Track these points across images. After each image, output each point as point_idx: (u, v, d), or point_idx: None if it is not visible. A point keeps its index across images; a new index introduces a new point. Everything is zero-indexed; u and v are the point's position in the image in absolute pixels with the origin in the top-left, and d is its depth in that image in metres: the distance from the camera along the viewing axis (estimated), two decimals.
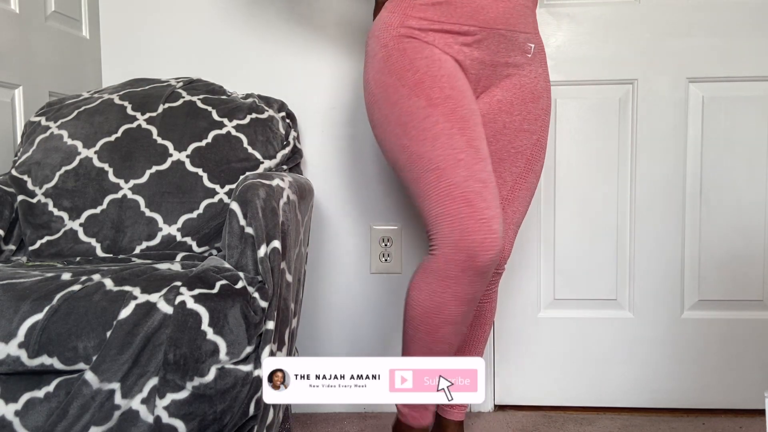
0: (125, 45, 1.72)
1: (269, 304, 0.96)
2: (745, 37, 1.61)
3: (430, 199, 1.04)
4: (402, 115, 1.07)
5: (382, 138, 1.14)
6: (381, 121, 1.13)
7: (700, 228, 1.66)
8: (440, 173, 1.02)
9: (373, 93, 1.14)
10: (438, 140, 1.03)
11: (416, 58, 1.10)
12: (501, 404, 1.75)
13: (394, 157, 1.11)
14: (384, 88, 1.11)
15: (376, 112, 1.14)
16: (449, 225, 1.01)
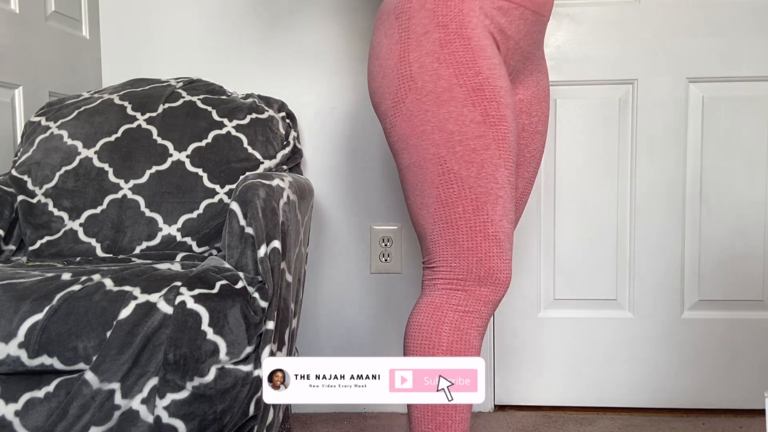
0: (125, 45, 1.72)
1: (269, 304, 0.96)
2: (745, 37, 1.61)
3: (459, 230, 0.94)
4: (449, 122, 0.92)
5: (409, 135, 0.96)
6: (416, 116, 0.94)
7: (700, 228, 1.66)
8: (478, 206, 0.93)
9: (413, 78, 0.94)
10: (484, 169, 0.93)
11: (480, 56, 0.94)
12: (501, 404, 1.75)
13: (420, 163, 0.95)
14: (435, 79, 0.93)
15: (411, 102, 0.94)
16: (477, 262, 0.95)
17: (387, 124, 0.99)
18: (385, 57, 0.97)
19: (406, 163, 0.98)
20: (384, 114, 0.99)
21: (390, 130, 0.99)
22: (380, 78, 0.98)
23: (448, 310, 0.96)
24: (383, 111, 0.99)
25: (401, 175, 1.00)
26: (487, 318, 0.99)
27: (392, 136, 0.99)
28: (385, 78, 0.97)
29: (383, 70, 0.97)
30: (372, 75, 1.01)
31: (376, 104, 1.01)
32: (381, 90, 0.98)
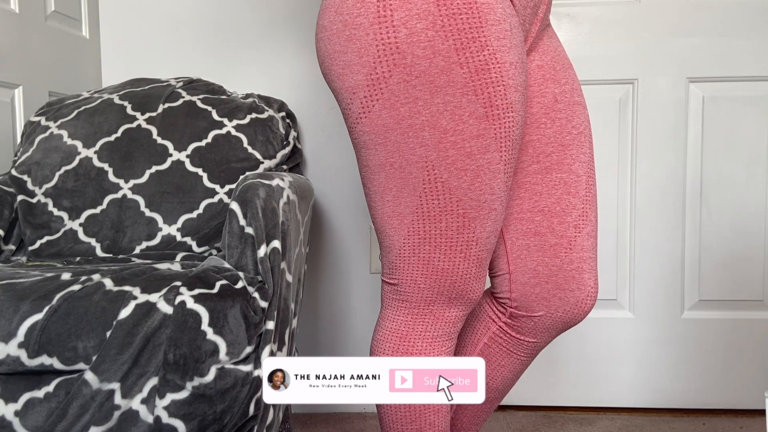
0: (125, 45, 1.72)
1: (269, 304, 0.96)
2: (745, 37, 1.61)
3: (437, 248, 0.79)
4: (443, 117, 0.72)
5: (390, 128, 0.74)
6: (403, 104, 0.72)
7: (700, 228, 1.66)
8: (465, 223, 0.77)
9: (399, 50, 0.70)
10: (479, 177, 0.75)
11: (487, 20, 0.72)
12: (501, 404, 1.75)
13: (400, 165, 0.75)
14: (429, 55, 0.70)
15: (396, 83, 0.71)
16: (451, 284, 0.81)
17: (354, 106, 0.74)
18: (350, 10, 0.71)
19: (379, 161, 0.76)
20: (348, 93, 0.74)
21: (359, 116, 0.75)
22: (342, 40, 0.72)
23: (416, 339, 0.85)
24: (348, 88, 0.74)
25: (366, 173, 0.80)
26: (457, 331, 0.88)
27: (361, 125, 0.75)
28: (351, 41, 0.71)
29: (348, 29, 0.72)
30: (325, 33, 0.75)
31: (333, 76, 0.76)
32: (343, 57, 0.73)
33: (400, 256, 0.81)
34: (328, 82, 0.79)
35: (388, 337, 0.87)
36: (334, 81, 0.76)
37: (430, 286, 0.82)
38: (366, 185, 0.81)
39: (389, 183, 0.77)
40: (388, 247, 0.83)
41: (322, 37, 0.76)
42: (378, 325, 0.89)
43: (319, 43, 0.77)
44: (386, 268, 0.85)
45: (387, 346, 0.87)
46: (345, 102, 0.76)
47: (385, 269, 0.85)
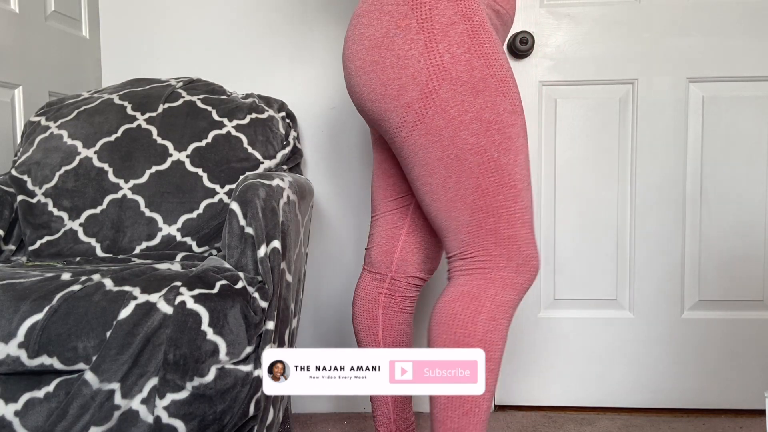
0: (125, 45, 1.72)
1: (269, 304, 0.96)
2: (745, 37, 1.61)
3: (500, 218, 0.94)
4: (486, 111, 0.92)
5: (444, 127, 0.93)
6: (452, 107, 0.92)
7: (700, 228, 1.66)
8: (516, 193, 0.94)
9: (446, 68, 0.92)
10: (518, 156, 0.94)
11: (500, 50, 0.96)
12: (501, 404, 1.75)
13: (457, 154, 0.93)
14: (469, 70, 0.92)
15: (446, 92, 0.92)
16: (517, 249, 0.95)
17: (410, 117, 0.94)
18: (401, 47, 0.93)
19: (437, 156, 0.94)
20: (404, 108, 0.94)
21: (415, 124, 0.94)
22: (397, 69, 0.93)
23: (485, 300, 0.95)
24: (405, 103, 0.94)
25: (426, 171, 0.96)
26: (516, 308, 0.99)
27: (419, 130, 0.94)
28: (406, 69, 0.93)
29: (401, 60, 0.93)
30: (378, 66, 0.95)
31: (387, 97, 0.95)
32: (398, 82, 0.93)
33: (471, 231, 0.95)
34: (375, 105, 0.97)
35: (458, 298, 0.96)
36: (388, 102, 0.95)
37: (501, 252, 0.95)
38: (425, 182, 0.96)
39: (449, 171, 0.94)
40: (456, 228, 0.97)
41: (374, 69, 0.95)
42: (445, 294, 0.98)
43: (367, 74, 0.96)
44: (456, 247, 0.98)
45: (457, 308, 0.96)
46: (400, 117, 0.95)
47: (456, 249, 0.98)
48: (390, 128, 0.97)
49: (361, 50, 0.96)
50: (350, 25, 1.01)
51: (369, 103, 0.97)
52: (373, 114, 0.98)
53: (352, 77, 0.99)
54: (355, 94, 1.00)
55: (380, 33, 0.95)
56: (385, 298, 1.16)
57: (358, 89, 0.99)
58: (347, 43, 1.00)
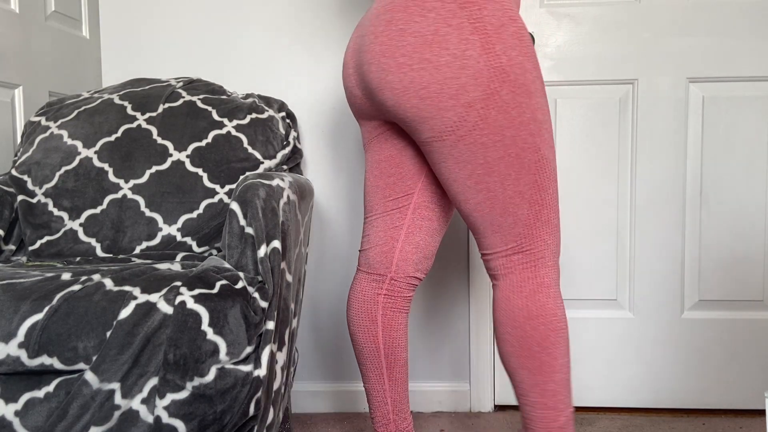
0: (125, 45, 1.72)
1: (269, 304, 0.96)
2: (745, 37, 1.61)
3: (552, 210, 1.02)
4: (538, 112, 0.98)
5: (506, 126, 0.96)
6: (513, 107, 0.96)
7: (700, 228, 1.66)
8: (557, 186, 1.04)
9: (505, 70, 0.95)
10: (553, 150, 1.02)
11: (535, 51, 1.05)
12: (501, 404, 1.75)
13: (517, 153, 0.97)
14: (523, 72, 0.96)
15: (506, 93, 0.95)
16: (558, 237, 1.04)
17: (471, 116, 0.95)
18: (456, 46, 0.94)
19: (499, 154, 0.97)
20: (464, 108, 0.95)
21: (477, 123, 0.96)
22: (455, 69, 0.94)
23: (552, 285, 1.03)
24: (465, 103, 0.95)
25: (485, 169, 0.99)
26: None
27: (480, 129, 0.96)
28: (464, 69, 0.93)
29: (459, 60, 0.94)
30: (431, 64, 0.95)
31: (444, 95, 0.96)
32: (457, 81, 0.94)
33: (528, 224, 1.01)
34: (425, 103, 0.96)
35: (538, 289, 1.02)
36: (445, 101, 0.96)
37: (554, 241, 1.03)
38: (480, 181, 1.00)
39: (509, 169, 0.98)
40: (513, 223, 1.01)
41: (425, 67, 0.95)
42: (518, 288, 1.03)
43: (416, 71, 0.96)
44: (512, 241, 1.02)
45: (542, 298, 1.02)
46: (458, 116, 0.96)
47: (511, 243, 1.02)
48: (440, 126, 0.97)
49: (404, 46, 0.96)
50: (378, 20, 0.99)
51: (416, 100, 0.97)
52: (418, 112, 0.98)
53: (387, 73, 0.98)
54: (393, 90, 0.98)
55: (428, 30, 0.95)
56: (384, 299, 1.16)
57: (400, 86, 0.97)
58: (376, 37, 0.99)
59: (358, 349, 1.17)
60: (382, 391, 1.17)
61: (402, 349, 1.17)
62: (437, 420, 1.67)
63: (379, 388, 1.17)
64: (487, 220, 1.02)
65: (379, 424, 1.18)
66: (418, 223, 1.14)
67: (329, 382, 1.75)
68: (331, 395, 1.74)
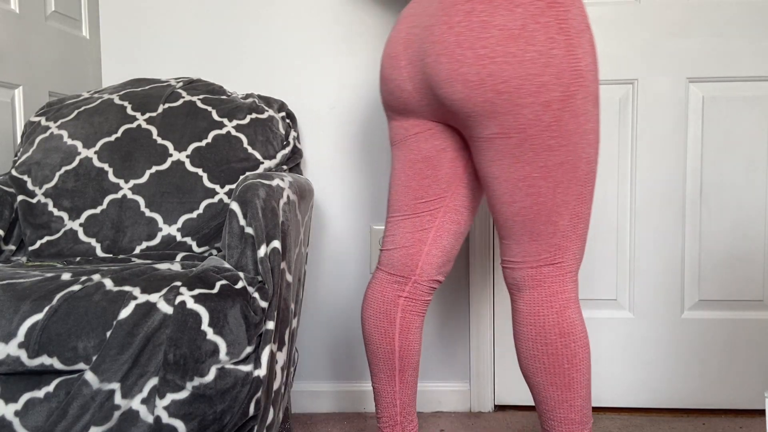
0: (125, 45, 1.72)
1: (269, 304, 0.96)
2: (745, 37, 1.61)
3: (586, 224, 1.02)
4: (597, 123, 0.99)
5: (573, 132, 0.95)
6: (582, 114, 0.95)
7: (700, 228, 1.66)
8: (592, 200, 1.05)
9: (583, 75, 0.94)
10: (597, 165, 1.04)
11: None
12: (501, 404, 1.75)
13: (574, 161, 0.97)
14: (594, 80, 0.96)
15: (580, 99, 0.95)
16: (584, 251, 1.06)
17: (545, 117, 0.94)
18: (543, 44, 0.92)
19: (560, 159, 0.96)
20: (541, 106, 0.93)
21: (549, 125, 0.94)
22: (539, 66, 0.92)
23: (577, 301, 1.04)
24: (543, 102, 0.93)
25: (542, 172, 0.97)
26: None
27: (551, 131, 0.94)
28: (548, 67, 0.92)
29: (544, 58, 0.92)
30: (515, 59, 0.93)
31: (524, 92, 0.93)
32: (540, 79, 0.92)
33: (565, 236, 1.00)
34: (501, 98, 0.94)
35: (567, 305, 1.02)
36: (524, 97, 0.93)
37: (581, 256, 1.04)
38: (537, 183, 0.98)
39: (563, 177, 0.97)
40: (552, 233, 1.00)
41: (509, 61, 0.92)
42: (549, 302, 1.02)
43: (498, 65, 0.93)
44: (545, 251, 1.01)
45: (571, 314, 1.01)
46: (533, 114, 0.94)
47: (543, 254, 1.01)
48: (511, 123, 0.95)
49: (487, 38, 0.93)
50: (454, 10, 0.96)
51: (491, 93, 0.94)
52: (490, 106, 0.95)
53: (462, 64, 0.94)
54: (467, 82, 0.95)
55: (515, 25, 0.92)
56: (405, 301, 1.14)
57: (476, 78, 0.94)
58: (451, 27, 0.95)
59: (372, 349, 1.15)
60: (392, 393, 1.16)
61: (416, 352, 1.16)
62: (437, 420, 1.67)
63: (389, 389, 1.16)
64: (528, 226, 1.00)
65: (386, 425, 1.17)
66: (447, 226, 1.12)
67: (329, 382, 1.75)
68: (330, 395, 1.74)
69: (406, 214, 1.12)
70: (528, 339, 1.03)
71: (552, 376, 1.02)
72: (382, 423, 1.18)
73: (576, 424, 1.03)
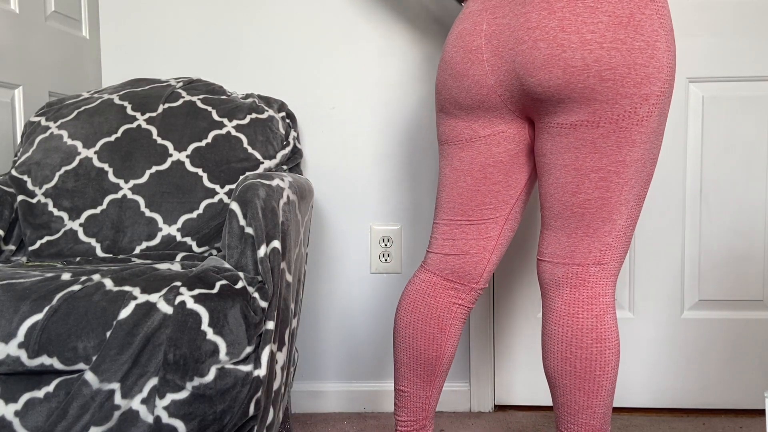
0: (125, 45, 1.72)
1: (269, 304, 0.96)
2: (745, 37, 1.61)
3: (634, 228, 1.01)
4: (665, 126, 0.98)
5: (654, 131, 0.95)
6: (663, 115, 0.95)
7: (700, 228, 1.66)
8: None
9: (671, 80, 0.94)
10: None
11: None
12: (501, 404, 1.75)
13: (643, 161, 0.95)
14: (672, 82, 0.95)
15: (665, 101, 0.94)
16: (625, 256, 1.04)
17: (642, 110, 0.92)
18: (650, 35, 0.91)
19: (638, 157, 0.94)
20: (640, 98, 0.91)
21: (642, 119, 0.92)
22: (646, 56, 0.90)
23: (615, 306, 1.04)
24: (644, 94, 0.91)
25: (616, 167, 0.95)
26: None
27: (642, 125, 0.92)
28: (653, 59, 0.90)
29: (650, 49, 0.90)
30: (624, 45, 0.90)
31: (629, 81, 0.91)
32: (645, 70, 0.90)
33: (617, 237, 0.98)
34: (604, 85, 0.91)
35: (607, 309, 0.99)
36: (628, 87, 0.91)
37: (624, 259, 1.02)
38: (609, 177, 0.95)
39: (634, 174, 0.95)
40: (608, 231, 0.98)
41: (617, 47, 0.90)
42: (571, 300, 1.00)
43: (606, 50, 0.90)
44: (598, 251, 0.99)
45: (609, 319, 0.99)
46: (631, 105, 0.91)
47: (592, 253, 0.99)
48: (607, 112, 0.92)
49: (596, 23, 0.90)
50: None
51: (594, 79, 0.91)
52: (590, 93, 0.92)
53: (565, 49, 0.91)
54: (568, 67, 0.91)
55: (624, 12, 0.90)
56: (459, 309, 1.11)
57: (581, 63, 0.90)
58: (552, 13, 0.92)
59: (412, 354, 1.11)
60: (426, 397, 1.13)
61: (453, 357, 1.15)
62: (437, 420, 1.67)
63: (422, 393, 1.13)
64: (587, 220, 0.98)
65: (410, 428, 1.14)
66: (507, 234, 1.09)
67: (329, 382, 1.75)
68: (330, 395, 1.74)
69: (471, 219, 1.07)
70: (561, 341, 0.99)
71: (581, 381, 0.99)
72: (405, 426, 1.14)
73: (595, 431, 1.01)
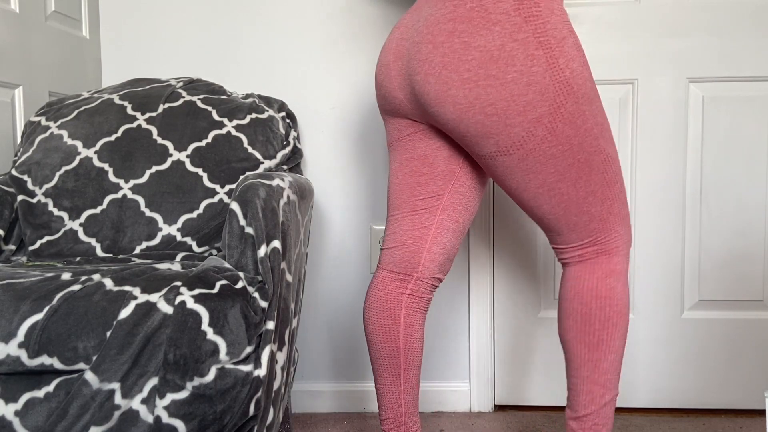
0: (125, 45, 1.72)
1: (269, 304, 0.96)
2: (745, 37, 1.61)
3: (620, 202, 1.07)
4: (598, 116, 1.02)
5: (572, 136, 0.99)
6: (577, 117, 0.99)
7: (700, 228, 1.66)
8: (622, 179, 1.08)
9: (569, 83, 0.97)
10: (614, 145, 1.07)
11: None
12: (501, 404, 1.75)
13: (585, 158, 1.01)
14: (584, 82, 0.99)
15: (570, 106, 0.98)
16: (629, 223, 1.10)
17: (539, 131, 0.97)
18: (523, 63, 0.95)
19: (569, 162, 1.00)
20: (531, 123, 0.97)
21: (545, 137, 0.98)
22: (522, 86, 0.95)
23: (622, 273, 1.09)
24: (533, 119, 0.96)
25: (556, 177, 1.01)
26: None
27: (549, 141, 0.98)
28: (531, 86, 0.95)
29: (525, 77, 0.95)
30: (497, 81, 0.96)
31: (511, 113, 0.97)
32: (524, 98, 0.95)
33: (602, 219, 1.06)
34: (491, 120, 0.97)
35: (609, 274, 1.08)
36: (512, 117, 0.97)
37: (626, 230, 1.08)
38: (552, 188, 1.03)
39: (579, 173, 1.02)
40: (588, 220, 1.06)
41: (491, 83, 0.96)
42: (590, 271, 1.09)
43: (482, 88, 0.96)
44: (587, 236, 1.07)
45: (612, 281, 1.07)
46: (526, 131, 0.98)
47: (586, 238, 1.07)
48: (506, 142, 0.99)
49: (469, 61, 0.95)
50: (438, 29, 0.98)
51: (481, 116, 0.97)
52: (482, 128, 0.98)
53: (450, 87, 0.97)
54: (456, 105, 0.98)
55: (494, 45, 0.95)
56: (408, 299, 1.15)
57: (464, 101, 0.97)
58: (436, 48, 0.98)
59: (376, 348, 1.16)
60: (397, 392, 1.16)
61: (419, 350, 1.17)
62: (437, 420, 1.67)
63: (393, 389, 1.16)
64: (563, 221, 1.06)
65: (390, 426, 1.17)
66: (446, 224, 1.13)
67: (329, 382, 1.75)
68: (331, 395, 1.74)
69: (405, 211, 1.14)
70: (566, 299, 1.10)
71: (582, 334, 1.09)
72: (386, 425, 1.18)
73: (598, 386, 1.08)
